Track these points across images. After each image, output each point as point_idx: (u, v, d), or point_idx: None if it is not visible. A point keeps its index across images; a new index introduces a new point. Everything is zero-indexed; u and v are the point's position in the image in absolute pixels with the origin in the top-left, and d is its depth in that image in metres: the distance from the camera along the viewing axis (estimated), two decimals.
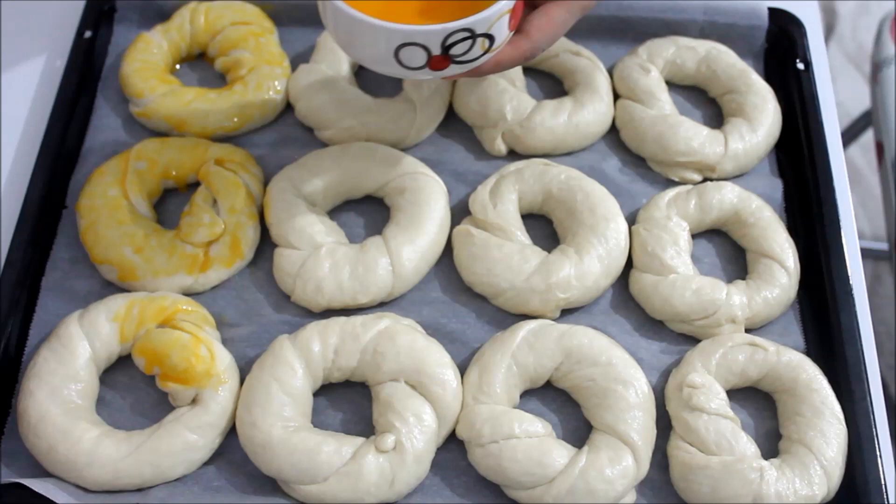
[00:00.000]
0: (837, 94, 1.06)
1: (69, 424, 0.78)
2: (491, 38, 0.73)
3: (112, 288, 0.89)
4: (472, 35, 0.72)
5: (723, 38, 1.04)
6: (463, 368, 0.84)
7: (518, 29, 0.78)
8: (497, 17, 0.72)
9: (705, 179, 0.96)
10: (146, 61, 1.00)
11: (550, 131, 0.96)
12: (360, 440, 0.79)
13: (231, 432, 0.82)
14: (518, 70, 1.00)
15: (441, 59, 0.73)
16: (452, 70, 0.75)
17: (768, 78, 1.04)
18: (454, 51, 0.72)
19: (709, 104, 1.04)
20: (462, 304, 0.89)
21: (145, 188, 0.92)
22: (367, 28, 0.71)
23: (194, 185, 0.95)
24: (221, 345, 0.84)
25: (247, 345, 0.86)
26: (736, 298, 0.86)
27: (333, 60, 1.00)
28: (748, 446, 0.78)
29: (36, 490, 0.76)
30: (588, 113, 0.97)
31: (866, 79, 1.89)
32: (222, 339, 0.86)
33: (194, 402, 0.81)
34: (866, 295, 0.90)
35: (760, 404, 0.85)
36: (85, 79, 1.02)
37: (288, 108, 1.01)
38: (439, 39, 0.71)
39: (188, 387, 0.80)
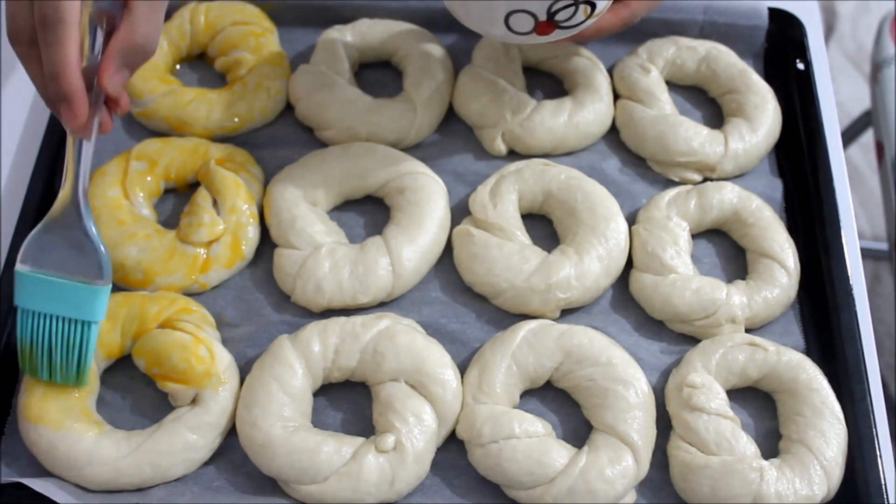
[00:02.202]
0: (837, 94, 1.06)
1: (69, 424, 0.78)
2: (592, 4, 0.79)
3: (112, 288, 0.89)
4: (575, 2, 0.78)
5: (723, 38, 1.04)
6: (463, 368, 0.84)
7: None
8: None
9: (705, 179, 0.96)
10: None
11: (550, 131, 0.96)
12: (360, 440, 0.79)
13: (231, 432, 0.82)
14: (518, 70, 1.00)
15: (547, 24, 0.79)
16: (557, 35, 0.81)
17: (768, 78, 1.04)
18: (559, 17, 0.79)
19: (709, 104, 1.04)
20: (462, 304, 0.89)
21: (145, 188, 0.92)
22: None
23: (194, 185, 0.94)
24: (221, 345, 0.84)
25: (247, 345, 0.86)
26: (736, 298, 0.86)
27: (333, 60, 1.00)
28: (748, 446, 0.78)
29: (36, 490, 0.76)
30: (588, 113, 0.97)
31: (866, 79, 1.89)
32: (222, 339, 0.86)
33: (194, 402, 0.81)
34: (866, 295, 0.90)
35: (760, 404, 0.85)
36: None
37: (288, 108, 1.01)
38: (545, 6, 0.77)
39: (188, 387, 0.80)
